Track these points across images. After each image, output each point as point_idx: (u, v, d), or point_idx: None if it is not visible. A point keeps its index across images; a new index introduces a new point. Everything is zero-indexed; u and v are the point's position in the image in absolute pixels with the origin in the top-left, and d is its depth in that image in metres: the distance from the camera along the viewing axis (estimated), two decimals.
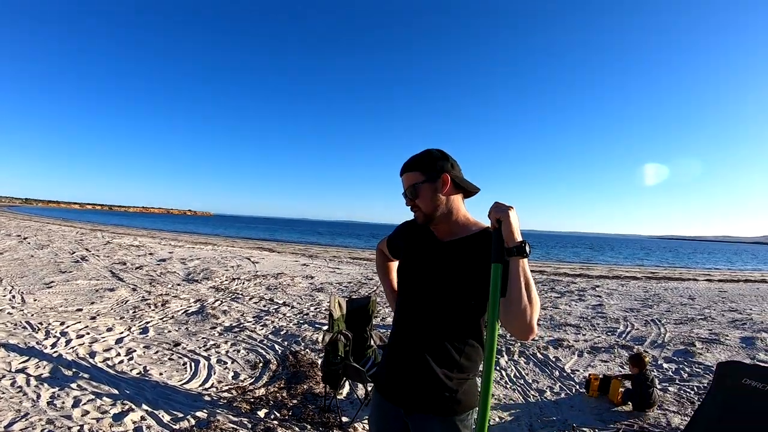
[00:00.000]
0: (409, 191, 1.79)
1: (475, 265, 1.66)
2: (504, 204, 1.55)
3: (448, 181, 1.76)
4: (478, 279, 1.64)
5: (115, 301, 8.02)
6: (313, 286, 11.58)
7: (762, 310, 10.61)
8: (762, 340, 7.45)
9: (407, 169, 1.80)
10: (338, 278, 13.57)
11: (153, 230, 44.63)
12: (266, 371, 5.15)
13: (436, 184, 1.75)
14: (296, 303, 9.05)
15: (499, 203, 1.55)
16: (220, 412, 3.98)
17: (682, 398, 4.91)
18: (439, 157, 1.78)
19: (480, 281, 1.63)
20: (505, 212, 1.52)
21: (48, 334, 5.78)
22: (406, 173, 1.81)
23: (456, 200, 1.81)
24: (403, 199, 1.84)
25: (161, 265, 13.61)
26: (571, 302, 10.82)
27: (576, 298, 11.56)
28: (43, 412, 3.68)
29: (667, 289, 14.19)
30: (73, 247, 16.86)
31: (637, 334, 7.67)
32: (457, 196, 1.81)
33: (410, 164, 1.79)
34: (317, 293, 10.41)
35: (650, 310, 10.17)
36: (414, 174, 1.78)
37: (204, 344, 5.97)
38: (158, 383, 4.56)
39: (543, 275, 17.58)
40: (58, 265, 11.97)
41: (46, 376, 4.47)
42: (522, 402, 4.71)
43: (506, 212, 1.52)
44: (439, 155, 1.78)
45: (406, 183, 1.81)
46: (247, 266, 14.99)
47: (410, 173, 1.79)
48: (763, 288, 15.78)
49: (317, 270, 15.37)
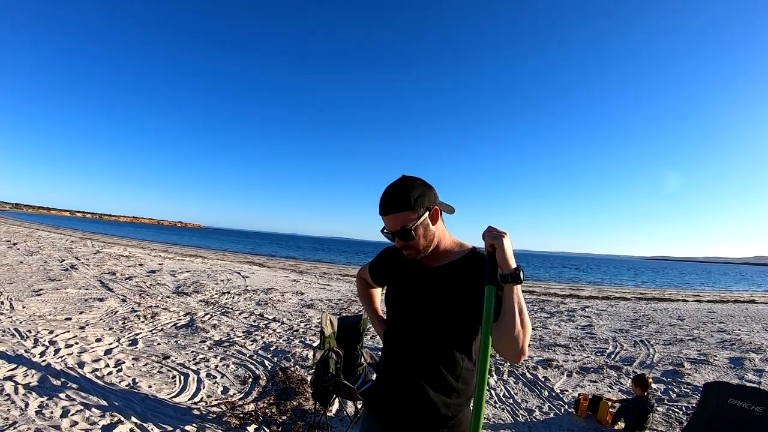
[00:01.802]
0: (401, 235, 1.64)
1: (466, 290, 1.62)
2: (498, 230, 1.52)
3: (438, 214, 1.68)
4: (470, 303, 1.61)
5: (105, 312, 7.97)
6: (303, 302, 11.56)
7: (751, 331, 10.73)
8: (750, 361, 7.53)
9: (393, 209, 1.62)
10: (328, 295, 13.55)
11: (143, 241, 44.41)
12: (256, 387, 5.15)
13: (428, 220, 1.65)
14: (286, 319, 9.04)
15: (493, 228, 1.53)
16: (210, 427, 3.98)
17: (671, 418, 4.96)
18: (423, 188, 1.65)
19: (472, 305, 1.60)
20: (499, 239, 1.49)
21: (37, 343, 5.74)
22: (392, 214, 1.63)
23: (442, 226, 1.74)
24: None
25: (151, 277, 13.55)
26: (560, 322, 10.89)
27: (566, 318, 11.63)
28: (31, 421, 3.66)
29: (657, 310, 14.30)
30: (62, 255, 16.75)
31: (626, 355, 7.73)
32: (441, 222, 1.74)
33: (395, 203, 1.62)
34: (307, 309, 10.39)
35: (639, 330, 10.25)
36: (403, 215, 1.61)
37: (193, 358, 5.95)
38: (147, 396, 4.54)
39: (533, 295, 17.68)
40: (47, 272, 11.89)
41: (35, 384, 4.44)
42: (511, 422, 4.74)
43: (500, 239, 1.49)
44: (422, 185, 1.65)
45: (393, 224, 1.64)
46: (238, 280, 14.94)
47: (398, 214, 1.61)
48: (752, 309, 15.92)
49: (307, 286, 15.35)
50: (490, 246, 1.52)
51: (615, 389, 5.90)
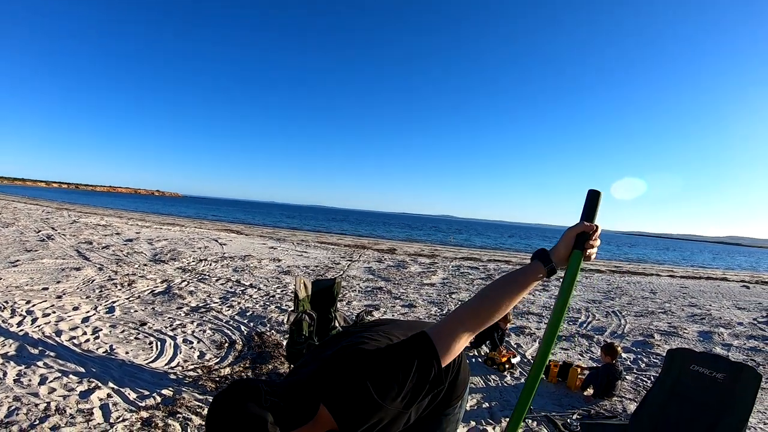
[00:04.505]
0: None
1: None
2: (597, 243, 1.58)
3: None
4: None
5: (82, 281, 8.01)
6: (280, 268, 11.70)
7: (721, 307, 11.01)
8: (719, 335, 7.82)
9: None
10: (305, 261, 13.70)
11: (120, 210, 43.84)
12: (232, 351, 5.28)
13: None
14: (263, 285, 9.16)
15: (597, 239, 1.58)
16: (186, 390, 4.11)
17: (639, 386, 5.18)
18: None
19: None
20: (593, 248, 1.56)
21: (14, 313, 5.79)
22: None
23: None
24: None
25: (128, 245, 13.53)
26: (534, 292, 11.05)
27: (540, 288, 11.83)
28: (9, 390, 3.75)
29: (630, 283, 14.58)
30: (38, 226, 16.57)
31: (597, 325, 8.00)
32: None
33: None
34: (284, 276, 10.54)
35: (612, 302, 10.53)
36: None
37: (170, 324, 6.06)
38: (124, 362, 4.66)
39: (509, 265, 17.93)
40: (23, 243, 11.80)
41: (12, 354, 4.52)
42: (483, 386, 4.93)
43: (593, 248, 1.56)
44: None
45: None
46: (215, 248, 14.98)
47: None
48: (724, 286, 16.25)
49: (284, 253, 15.46)
50: (590, 235, 1.56)
51: (585, 357, 6.14)
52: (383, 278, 11.54)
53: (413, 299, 9.09)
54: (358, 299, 8.71)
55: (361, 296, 9.04)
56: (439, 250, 24.98)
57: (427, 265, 15.48)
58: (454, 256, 20.19)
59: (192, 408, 3.78)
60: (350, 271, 12.40)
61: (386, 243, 28.02)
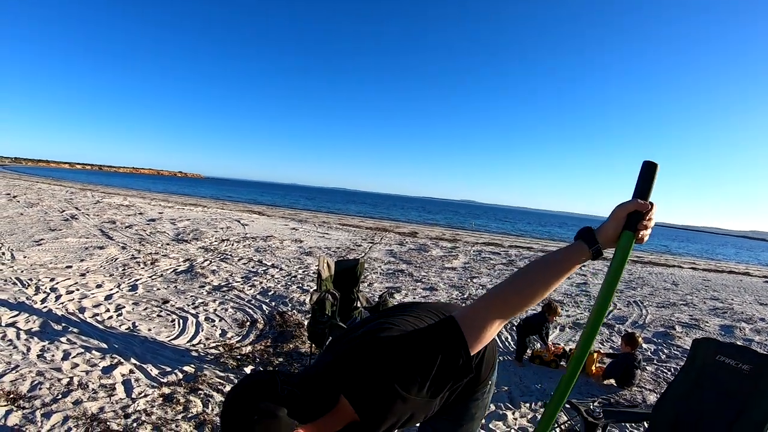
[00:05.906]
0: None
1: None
2: (652, 224, 1.37)
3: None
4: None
5: (105, 259, 8.07)
6: (302, 249, 11.68)
7: (743, 301, 10.72)
8: (741, 330, 7.58)
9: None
10: (327, 243, 13.68)
11: (143, 190, 44.43)
12: (253, 330, 5.26)
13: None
14: (285, 265, 9.14)
15: (651, 219, 1.37)
16: (207, 368, 4.09)
17: (659, 377, 5.05)
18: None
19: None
20: (647, 229, 1.36)
21: (38, 290, 5.83)
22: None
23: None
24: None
25: (151, 225, 13.64)
26: None
27: None
28: (33, 365, 3.76)
29: (652, 274, 14.26)
30: (62, 206, 16.80)
31: (618, 314, 7.82)
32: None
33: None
34: (306, 257, 10.51)
35: (633, 292, 10.30)
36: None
37: (192, 302, 6.06)
38: (147, 338, 4.66)
39: (531, 251, 17.70)
40: (47, 223, 11.95)
41: (36, 330, 4.54)
42: (503, 371, 4.83)
43: (647, 228, 1.36)
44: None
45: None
46: (237, 228, 15.04)
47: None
48: (747, 280, 15.84)
49: (306, 234, 15.46)
50: (637, 207, 1.35)
51: (606, 346, 5.99)
52: (405, 261, 11.46)
53: (434, 282, 9.00)
54: (380, 281, 8.65)
55: (382, 278, 8.98)
56: (460, 234, 24.79)
57: (449, 249, 15.34)
58: (476, 241, 20.01)
59: (213, 385, 3.75)
60: (372, 253, 12.34)
61: (408, 226, 27.97)
